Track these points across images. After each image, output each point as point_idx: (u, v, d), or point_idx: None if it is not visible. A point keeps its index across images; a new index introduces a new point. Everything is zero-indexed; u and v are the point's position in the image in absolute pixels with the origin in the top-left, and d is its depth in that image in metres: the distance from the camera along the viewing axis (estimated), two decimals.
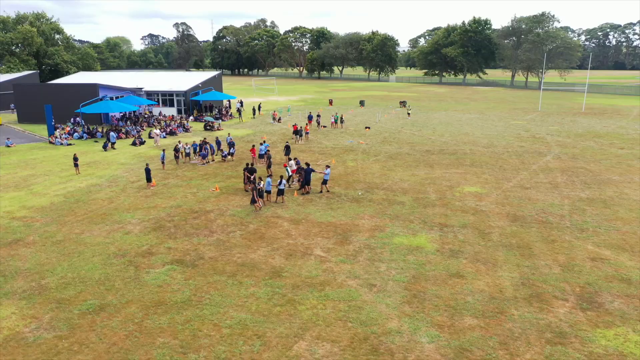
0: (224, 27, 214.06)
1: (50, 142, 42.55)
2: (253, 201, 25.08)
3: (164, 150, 34.86)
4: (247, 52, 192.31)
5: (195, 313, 14.96)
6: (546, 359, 12.65)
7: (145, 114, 57.84)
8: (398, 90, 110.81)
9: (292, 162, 29.57)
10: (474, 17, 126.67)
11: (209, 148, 36.09)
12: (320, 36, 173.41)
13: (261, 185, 25.27)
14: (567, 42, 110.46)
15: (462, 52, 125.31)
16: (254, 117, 61.02)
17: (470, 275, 17.47)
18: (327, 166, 28.52)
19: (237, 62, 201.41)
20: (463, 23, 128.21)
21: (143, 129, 49.64)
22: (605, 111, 69.16)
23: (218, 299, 15.83)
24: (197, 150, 35.84)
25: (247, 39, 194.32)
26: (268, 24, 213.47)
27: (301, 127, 45.35)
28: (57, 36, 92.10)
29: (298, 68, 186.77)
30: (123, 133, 45.85)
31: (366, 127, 51.96)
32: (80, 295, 16.08)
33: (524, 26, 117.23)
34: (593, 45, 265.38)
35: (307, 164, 28.08)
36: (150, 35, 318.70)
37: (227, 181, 30.59)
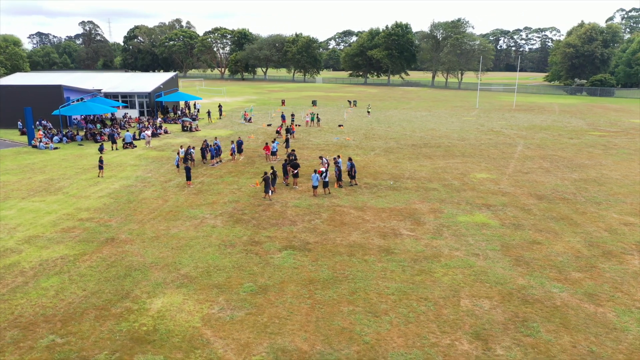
0: (136, 27, 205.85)
1: (33, 147, 40.46)
2: (266, 190, 26.61)
3: (178, 153, 34.89)
4: (164, 52, 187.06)
5: (352, 286, 16.77)
6: None
7: (106, 116, 55.94)
8: (333, 91, 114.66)
9: (324, 160, 31.41)
10: (396, 21, 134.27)
11: (214, 149, 36.57)
12: (242, 37, 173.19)
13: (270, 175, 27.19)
14: (483, 46, 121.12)
15: (387, 54, 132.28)
16: (220, 118, 61.25)
17: (545, 242, 20.83)
18: (349, 158, 30.71)
19: (152, 63, 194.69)
20: (386, 27, 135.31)
21: (118, 132, 48.34)
22: (532, 108, 77.72)
23: (359, 274, 17.72)
24: (209, 151, 36.22)
25: (163, 39, 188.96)
26: (184, 24, 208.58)
27: (289, 125, 47.03)
28: None
29: (219, 69, 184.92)
30: (106, 135, 44.60)
31: (339, 125, 54.69)
32: (231, 280, 17.17)
33: (441, 31, 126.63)
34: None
35: (350, 158, 30.26)
36: (39, 34, 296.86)
37: (258, 177, 31.72)
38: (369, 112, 66.19)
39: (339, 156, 30.75)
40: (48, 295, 15.90)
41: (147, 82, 61.75)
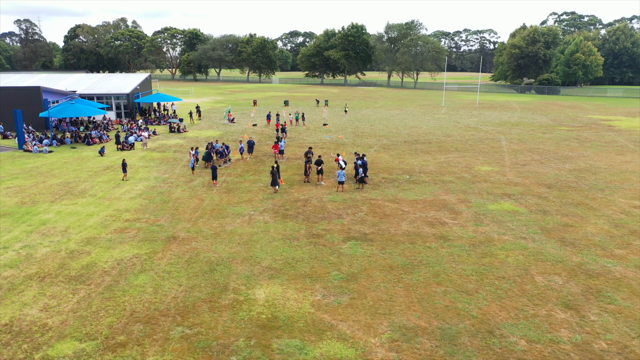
0: (77, 26, 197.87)
1: (26, 151, 38.93)
2: (274, 184, 27.96)
3: (190, 154, 34.82)
4: (110, 53, 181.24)
5: (430, 270, 18.01)
6: None
7: (83, 119, 54.32)
8: (295, 91, 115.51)
9: (341, 159, 32.44)
10: (352, 22, 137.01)
11: (225, 149, 36.78)
12: (194, 38, 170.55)
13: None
14: (436, 48, 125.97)
15: (344, 54, 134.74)
16: (200, 119, 60.78)
17: (576, 225, 22.95)
18: (363, 156, 31.91)
19: (97, 63, 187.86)
20: (343, 28, 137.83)
21: (106, 134, 47.22)
22: (494, 106, 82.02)
23: (431, 259, 18.99)
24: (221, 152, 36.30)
25: (108, 39, 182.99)
26: (129, 23, 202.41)
27: (282, 124, 47.76)
28: None
29: (170, 70, 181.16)
30: (97, 138, 43.54)
31: (324, 124, 55.84)
32: (316, 269, 17.96)
33: (396, 33, 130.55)
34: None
35: (363, 156, 31.39)
36: None
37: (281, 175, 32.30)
38: (346, 111, 67.73)
39: (356, 153, 31.82)
40: (148, 292, 16.11)
41: (122, 83, 60.29)
